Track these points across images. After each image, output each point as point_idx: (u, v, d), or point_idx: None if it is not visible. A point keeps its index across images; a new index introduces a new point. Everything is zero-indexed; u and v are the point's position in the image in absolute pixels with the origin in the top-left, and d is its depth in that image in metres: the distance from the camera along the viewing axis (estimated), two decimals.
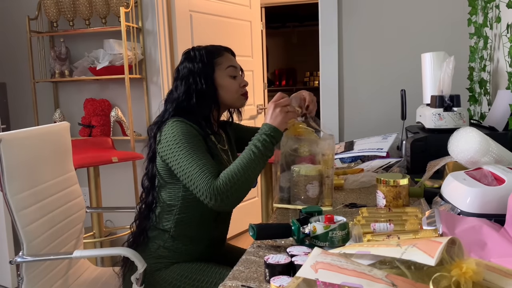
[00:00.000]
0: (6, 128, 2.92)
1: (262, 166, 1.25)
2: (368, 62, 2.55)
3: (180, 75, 1.41)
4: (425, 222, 0.94)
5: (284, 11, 5.07)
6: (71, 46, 3.03)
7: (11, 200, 1.35)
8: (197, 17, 3.09)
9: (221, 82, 1.41)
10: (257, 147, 1.24)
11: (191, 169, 1.23)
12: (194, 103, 1.37)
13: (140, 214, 1.43)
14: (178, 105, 1.38)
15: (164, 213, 1.39)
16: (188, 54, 1.43)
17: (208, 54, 1.41)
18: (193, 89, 1.38)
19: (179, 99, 1.38)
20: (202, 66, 1.39)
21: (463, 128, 1.20)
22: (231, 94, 1.43)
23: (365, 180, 1.61)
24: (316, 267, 0.58)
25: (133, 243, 1.42)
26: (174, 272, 1.35)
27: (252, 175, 1.22)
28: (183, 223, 1.38)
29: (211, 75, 1.40)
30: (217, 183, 1.19)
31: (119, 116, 2.90)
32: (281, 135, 1.28)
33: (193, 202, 1.35)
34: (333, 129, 2.55)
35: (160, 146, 1.31)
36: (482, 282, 0.56)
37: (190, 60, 1.41)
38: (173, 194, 1.37)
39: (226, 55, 1.45)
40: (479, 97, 2.08)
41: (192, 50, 1.44)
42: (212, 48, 1.45)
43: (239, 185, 1.20)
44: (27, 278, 1.39)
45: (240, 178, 1.20)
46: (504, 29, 1.70)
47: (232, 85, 1.43)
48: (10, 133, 1.40)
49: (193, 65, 1.39)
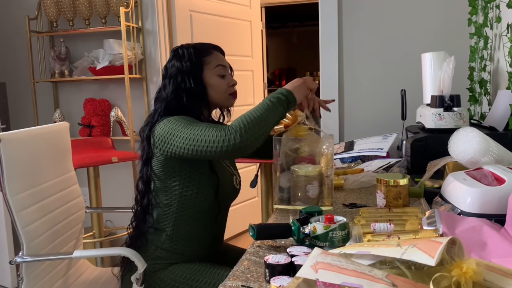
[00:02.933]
0: (6, 128, 2.92)
1: (274, 117, 1.23)
2: (368, 62, 2.55)
3: (168, 73, 1.40)
4: (425, 222, 0.94)
5: (284, 11, 5.07)
6: (71, 46, 3.03)
7: (11, 200, 1.35)
8: (197, 17, 3.09)
9: (210, 81, 1.40)
10: (272, 101, 1.23)
11: (195, 132, 1.21)
12: (184, 102, 1.36)
13: (136, 217, 1.42)
14: (167, 104, 1.37)
15: (161, 213, 1.37)
16: (177, 52, 1.42)
17: (196, 53, 1.40)
18: (181, 88, 1.36)
19: (167, 98, 1.37)
20: (191, 65, 1.38)
21: (463, 128, 1.20)
22: (220, 94, 1.42)
23: (365, 180, 1.61)
24: (316, 267, 0.58)
25: (130, 245, 1.41)
26: (172, 273, 1.34)
27: (265, 118, 1.20)
28: (180, 222, 1.37)
29: (199, 74, 1.38)
30: (230, 126, 1.19)
31: (119, 116, 2.90)
32: (295, 103, 1.28)
33: (190, 199, 1.34)
34: (333, 129, 2.55)
35: (157, 141, 1.29)
36: (482, 282, 0.56)
37: (179, 58, 1.39)
38: (169, 194, 1.35)
39: (215, 53, 1.43)
40: (479, 97, 2.08)
41: (181, 48, 1.42)
42: (201, 46, 1.43)
43: (253, 124, 1.18)
44: (27, 278, 1.39)
45: (254, 119, 1.19)
46: (504, 29, 1.70)
47: (221, 84, 1.41)
48: (10, 133, 1.40)
49: (181, 64, 1.38)
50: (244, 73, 3.43)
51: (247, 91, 3.45)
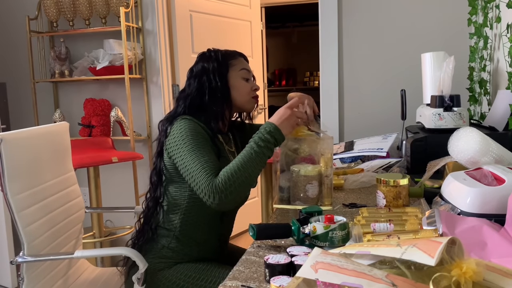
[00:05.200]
0: (6, 128, 2.92)
1: (262, 166, 1.25)
2: (368, 62, 2.55)
3: (194, 73, 1.44)
4: (425, 222, 0.94)
5: (284, 11, 5.07)
6: (71, 46, 3.03)
7: (12, 200, 1.35)
8: (197, 17, 3.09)
9: (234, 82, 1.43)
10: (260, 146, 1.23)
11: (193, 165, 1.23)
12: (207, 100, 1.39)
13: (147, 210, 1.43)
14: (191, 101, 1.40)
15: (170, 212, 1.39)
16: (204, 54, 1.46)
17: (223, 55, 1.45)
18: (206, 86, 1.40)
19: (191, 95, 1.40)
20: (217, 65, 1.41)
21: (463, 128, 1.20)
22: (243, 96, 1.45)
23: (365, 180, 1.61)
24: (316, 267, 0.58)
25: (137, 242, 1.42)
26: (177, 272, 1.35)
27: (252, 173, 1.22)
28: (188, 224, 1.38)
29: (225, 74, 1.42)
30: (217, 181, 1.19)
31: (119, 116, 2.90)
32: (283, 139, 1.27)
33: (199, 202, 1.34)
34: (333, 129, 2.55)
35: (167, 141, 1.33)
36: (482, 282, 0.56)
37: (205, 59, 1.44)
38: (179, 193, 1.37)
39: (240, 59, 1.49)
40: (479, 97, 2.08)
41: (208, 51, 1.47)
42: (228, 51, 1.48)
43: (239, 184, 1.19)
44: (28, 278, 1.39)
45: (240, 177, 1.19)
46: (504, 29, 1.70)
47: (245, 87, 1.45)
48: (10, 133, 1.40)
49: (208, 64, 1.42)
50: None
51: None
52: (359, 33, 2.54)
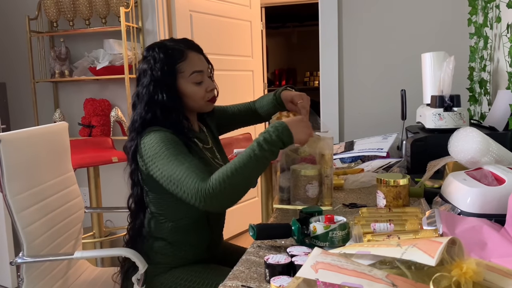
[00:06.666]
0: (6, 128, 2.92)
1: (262, 169, 1.17)
2: (368, 62, 2.55)
3: (141, 81, 1.32)
4: (425, 222, 0.94)
5: (284, 11, 5.07)
6: (71, 46, 3.03)
7: (11, 201, 1.35)
8: (197, 17, 3.09)
9: (185, 90, 1.31)
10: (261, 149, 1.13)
11: (175, 175, 1.15)
12: (159, 115, 1.28)
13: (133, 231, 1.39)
14: (143, 120, 1.29)
15: (158, 223, 1.35)
16: (148, 54, 1.31)
17: (168, 60, 1.28)
18: (154, 101, 1.28)
19: (142, 113, 1.29)
20: (162, 75, 1.27)
21: (463, 128, 1.20)
22: (197, 102, 1.34)
23: (365, 180, 1.61)
24: (316, 267, 0.58)
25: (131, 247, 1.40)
26: (173, 276, 1.33)
27: (250, 176, 1.14)
28: (178, 230, 1.35)
29: (173, 84, 1.29)
30: (206, 185, 1.11)
31: (119, 116, 2.90)
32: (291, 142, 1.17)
33: (182, 208, 1.30)
34: (333, 129, 2.55)
35: (142, 161, 1.26)
36: (482, 282, 0.56)
37: (149, 63, 1.29)
38: (163, 205, 1.33)
39: (190, 57, 1.31)
40: (479, 97, 2.08)
41: (152, 50, 1.31)
42: (173, 49, 1.30)
43: (233, 187, 1.12)
44: (28, 279, 1.39)
45: (234, 181, 1.11)
46: (504, 29, 1.70)
47: (198, 92, 1.32)
48: (10, 133, 1.40)
49: (152, 72, 1.28)
50: (244, 73, 3.43)
51: (247, 91, 3.44)
52: (359, 33, 2.54)
